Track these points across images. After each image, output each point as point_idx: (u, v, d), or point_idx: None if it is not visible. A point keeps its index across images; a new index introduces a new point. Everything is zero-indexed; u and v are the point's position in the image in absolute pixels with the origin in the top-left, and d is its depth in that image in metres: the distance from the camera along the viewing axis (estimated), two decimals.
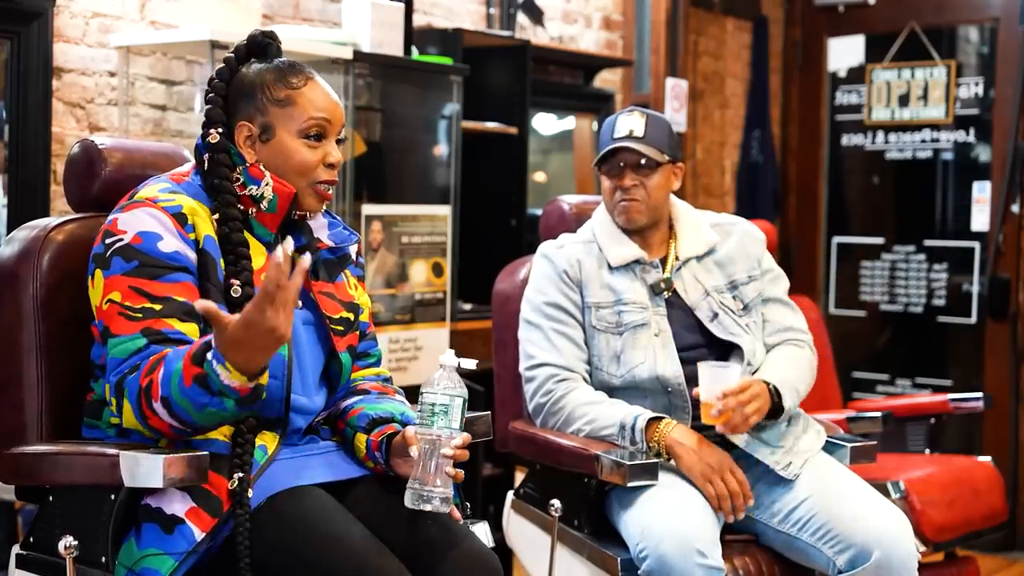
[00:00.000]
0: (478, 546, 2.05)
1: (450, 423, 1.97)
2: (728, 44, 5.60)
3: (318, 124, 2.06)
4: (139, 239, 1.96)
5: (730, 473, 2.50)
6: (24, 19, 3.04)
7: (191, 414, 1.85)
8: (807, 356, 2.77)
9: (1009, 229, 5.03)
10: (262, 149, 2.07)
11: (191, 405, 1.84)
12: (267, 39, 2.14)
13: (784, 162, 5.78)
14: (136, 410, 1.90)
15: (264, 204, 2.05)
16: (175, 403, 1.85)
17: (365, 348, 2.28)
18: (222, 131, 2.06)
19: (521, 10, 4.57)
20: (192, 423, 1.88)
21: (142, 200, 2.01)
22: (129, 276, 1.95)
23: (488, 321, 3.23)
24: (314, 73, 2.11)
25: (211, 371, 1.81)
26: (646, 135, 2.73)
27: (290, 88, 2.07)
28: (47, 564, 2.06)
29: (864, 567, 2.43)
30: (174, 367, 1.84)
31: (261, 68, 2.10)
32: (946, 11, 5.31)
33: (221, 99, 2.09)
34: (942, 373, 5.32)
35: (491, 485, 4.09)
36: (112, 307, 1.94)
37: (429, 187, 3.86)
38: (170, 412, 1.86)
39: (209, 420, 1.88)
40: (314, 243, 2.14)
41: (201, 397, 1.82)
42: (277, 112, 2.06)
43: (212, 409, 1.84)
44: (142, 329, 1.92)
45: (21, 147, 3.06)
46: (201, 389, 1.82)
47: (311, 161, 2.06)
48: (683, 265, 2.77)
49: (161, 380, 1.86)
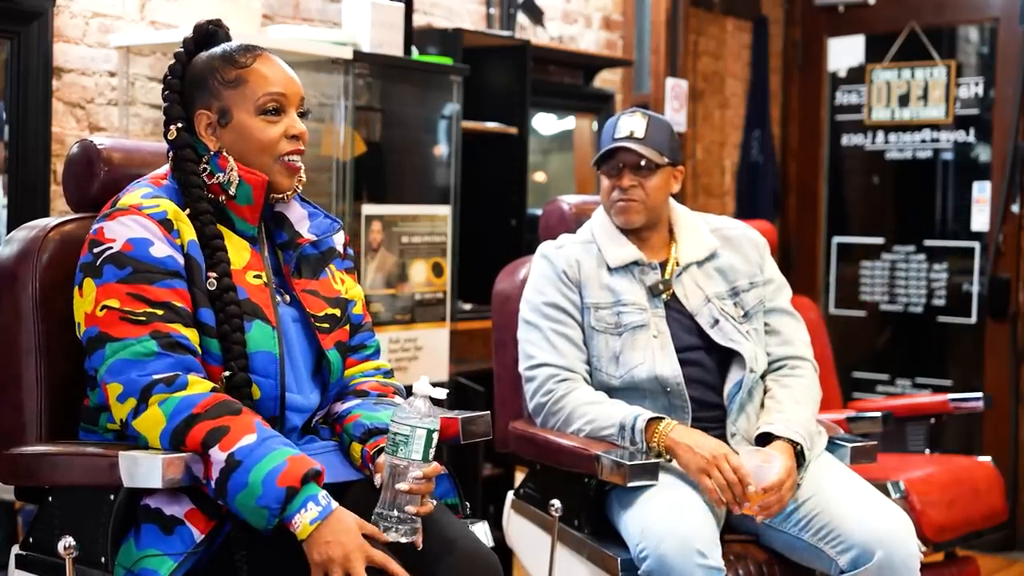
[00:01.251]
0: (478, 546, 2.05)
1: (410, 453, 1.93)
2: (728, 44, 5.60)
3: (273, 98, 2.06)
4: (130, 246, 1.96)
5: (726, 462, 2.48)
6: (24, 19, 3.04)
7: (244, 495, 1.84)
8: (810, 381, 2.75)
9: (1009, 229, 5.02)
10: (223, 134, 2.07)
11: (259, 495, 1.83)
12: (213, 26, 2.15)
13: (784, 162, 5.78)
14: (173, 426, 1.87)
15: (232, 191, 2.05)
16: (245, 477, 1.84)
17: (361, 340, 2.26)
18: (181, 126, 2.07)
19: (521, 10, 4.56)
20: (230, 498, 1.86)
21: (126, 208, 2.01)
22: (124, 283, 1.94)
23: (488, 321, 3.23)
24: (263, 50, 2.11)
25: (300, 500, 1.85)
26: (647, 137, 2.73)
27: (239, 67, 2.07)
28: (47, 564, 2.06)
29: (866, 567, 2.42)
30: (274, 453, 1.86)
31: (210, 55, 2.10)
32: (946, 11, 5.31)
33: (177, 95, 2.09)
34: (942, 373, 5.32)
35: (491, 485, 4.09)
36: (111, 313, 1.94)
37: (429, 187, 3.85)
38: (226, 471, 1.85)
39: (245, 512, 1.86)
40: (295, 239, 2.13)
41: (275, 504, 1.83)
42: (231, 93, 2.06)
43: (265, 513, 1.84)
44: (150, 332, 1.92)
45: (21, 147, 3.06)
46: (283, 498, 1.83)
47: (272, 136, 2.06)
48: (684, 271, 2.77)
49: (250, 444, 1.86)
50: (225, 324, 1.98)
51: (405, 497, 1.94)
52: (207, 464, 1.87)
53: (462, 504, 2.23)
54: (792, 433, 2.55)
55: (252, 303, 2.03)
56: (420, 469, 1.94)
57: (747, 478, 2.45)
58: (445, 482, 2.23)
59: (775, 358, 2.77)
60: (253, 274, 2.07)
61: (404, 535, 1.94)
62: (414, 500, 1.94)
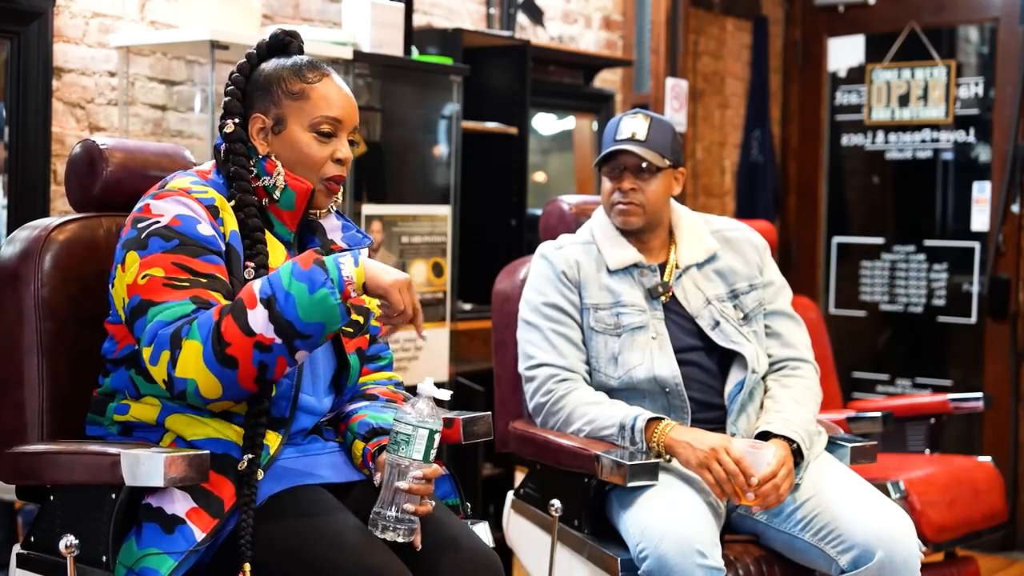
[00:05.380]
0: (479, 546, 2.05)
1: (411, 453, 1.94)
2: (728, 44, 5.60)
3: (328, 121, 2.08)
4: (178, 221, 1.98)
5: (725, 454, 2.48)
6: (24, 19, 3.04)
7: (301, 304, 1.86)
8: (810, 382, 2.75)
9: (1009, 229, 5.03)
10: (274, 141, 2.09)
11: (306, 288, 1.86)
12: (288, 37, 2.17)
13: (784, 162, 5.78)
14: (209, 341, 1.87)
15: (276, 195, 2.07)
16: (284, 293, 1.86)
17: (376, 351, 2.29)
18: (237, 122, 2.09)
19: (521, 10, 4.57)
20: (295, 320, 1.87)
21: (175, 190, 2.03)
22: (170, 253, 1.95)
23: (488, 321, 3.23)
24: (332, 71, 2.14)
25: (332, 262, 1.89)
26: (648, 138, 2.73)
27: (305, 82, 2.09)
28: (48, 563, 2.06)
29: (867, 567, 2.42)
30: (282, 268, 1.90)
31: (279, 63, 2.12)
32: (946, 11, 5.31)
33: (240, 92, 2.11)
34: (942, 373, 5.32)
35: (491, 485, 4.09)
36: (154, 280, 1.94)
37: (429, 187, 3.86)
38: (271, 313, 1.86)
39: (316, 315, 1.87)
40: (328, 245, 2.15)
41: (319, 276, 1.86)
42: (290, 105, 2.08)
43: (325, 290, 1.86)
44: (191, 296, 1.93)
45: (21, 147, 3.06)
46: (321, 270, 1.87)
47: (320, 156, 2.08)
48: (683, 273, 2.77)
49: (263, 283, 1.89)
50: None
51: (404, 496, 1.94)
52: (261, 339, 1.87)
53: (463, 504, 2.24)
54: (791, 432, 2.55)
55: None
56: (420, 469, 1.95)
57: (749, 469, 2.45)
58: (446, 483, 2.24)
59: (776, 359, 2.78)
60: None
61: (402, 535, 1.95)
62: (413, 500, 1.95)
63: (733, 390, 2.67)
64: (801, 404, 2.66)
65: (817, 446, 2.67)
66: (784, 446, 2.52)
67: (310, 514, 1.95)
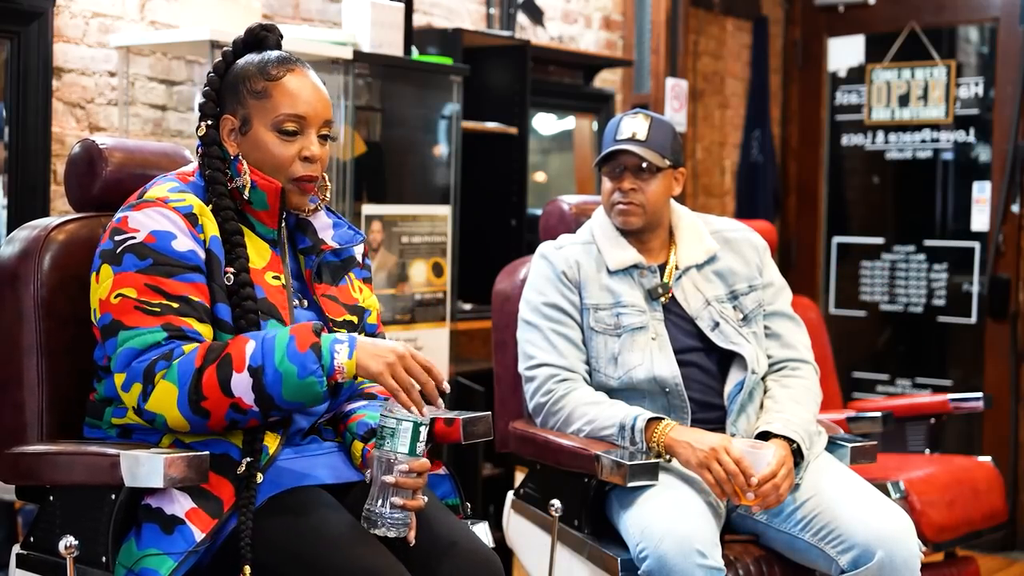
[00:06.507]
0: (479, 546, 2.05)
1: (396, 447, 1.93)
2: (728, 44, 5.60)
3: (291, 119, 2.05)
4: (153, 238, 1.97)
5: (725, 454, 2.48)
6: (24, 19, 3.04)
7: (287, 385, 1.87)
8: (810, 383, 2.75)
9: (1009, 229, 5.03)
10: (243, 142, 2.07)
11: (296, 372, 1.87)
12: (264, 31, 2.14)
13: (784, 162, 5.78)
14: (186, 388, 1.88)
15: (246, 194, 2.05)
16: (274, 370, 1.87)
17: None
18: (210, 123, 2.08)
19: (521, 10, 4.57)
20: (276, 396, 1.88)
21: (152, 200, 2.01)
22: (143, 274, 1.95)
23: (488, 321, 3.23)
24: (300, 65, 2.09)
25: (328, 349, 1.89)
26: (648, 139, 2.73)
27: (268, 80, 2.06)
28: (47, 564, 2.06)
29: (867, 567, 2.42)
30: (278, 338, 1.89)
31: (248, 61, 2.09)
32: (946, 11, 5.31)
33: (214, 93, 2.09)
34: (942, 373, 5.32)
35: (491, 485, 4.09)
36: (126, 302, 1.94)
37: (429, 187, 3.86)
38: (255, 383, 1.87)
39: (299, 396, 1.89)
40: (318, 244, 2.14)
41: (311, 363, 1.87)
42: (255, 104, 2.06)
43: (314, 379, 1.87)
44: (163, 324, 1.93)
45: (21, 147, 3.06)
46: (315, 356, 1.87)
47: (284, 155, 2.05)
48: (683, 274, 2.77)
49: (256, 349, 1.89)
50: (241, 319, 1.99)
51: (391, 490, 1.94)
52: (239, 402, 1.88)
53: (463, 504, 2.24)
54: (790, 432, 2.55)
55: (268, 303, 2.04)
56: (407, 463, 1.94)
57: (749, 469, 2.44)
58: (446, 483, 2.23)
59: (775, 360, 2.78)
60: (272, 275, 2.07)
61: (392, 530, 1.94)
62: (402, 494, 1.94)
63: (733, 390, 2.67)
64: (801, 404, 2.66)
65: (817, 446, 2.67)
66: (784, 446, 2.52)
67: (309, 515, 1.95)
